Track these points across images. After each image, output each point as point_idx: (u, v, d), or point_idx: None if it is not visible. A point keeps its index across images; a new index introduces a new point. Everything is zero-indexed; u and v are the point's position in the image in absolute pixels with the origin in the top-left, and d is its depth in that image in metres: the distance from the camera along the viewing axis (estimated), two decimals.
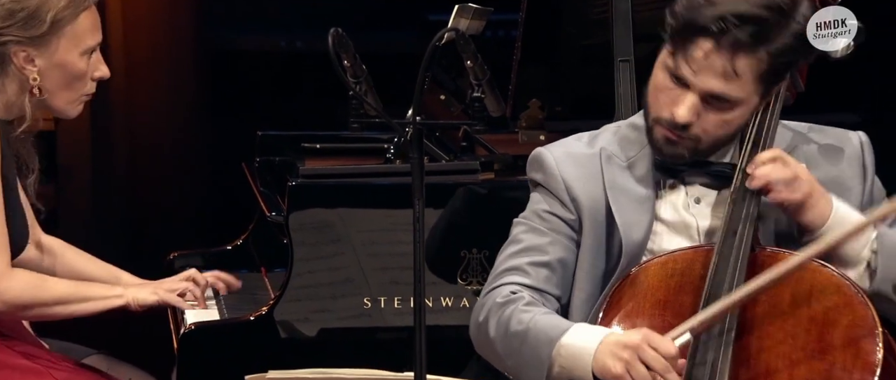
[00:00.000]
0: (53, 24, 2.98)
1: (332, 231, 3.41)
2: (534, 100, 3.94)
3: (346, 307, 3.41)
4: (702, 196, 2.87)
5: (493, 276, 2.85)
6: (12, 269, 2.96)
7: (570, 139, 2.94)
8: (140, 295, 3.14)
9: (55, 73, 3.01)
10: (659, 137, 2.81)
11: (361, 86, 3.37)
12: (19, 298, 2.95)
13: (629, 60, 3.52)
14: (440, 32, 2.92)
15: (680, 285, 2.75)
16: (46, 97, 3.02)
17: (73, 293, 3.04)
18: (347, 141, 3.91)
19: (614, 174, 2.86)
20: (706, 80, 2.72)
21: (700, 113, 2.75)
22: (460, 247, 3.43)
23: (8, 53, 2.98)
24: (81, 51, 3.03)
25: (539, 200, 2.89)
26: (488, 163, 3.65)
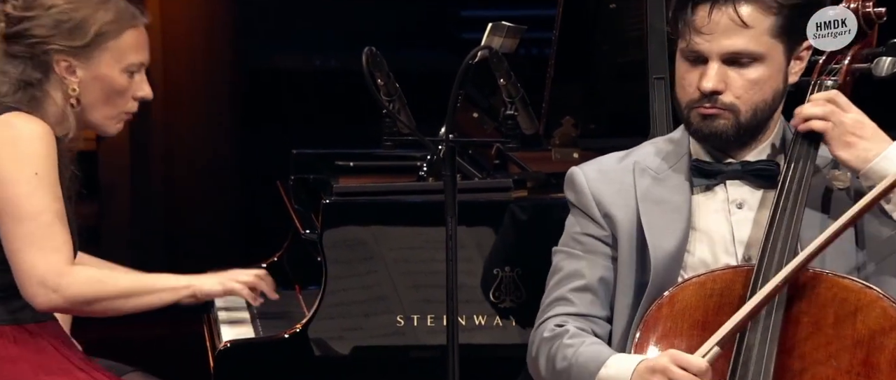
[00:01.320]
0: (97, 36, 2.99)
1: (365, 249, 3.38)
2: (567, 117, 3.91)
3: (379, 325, 3.38)
4: (744, 200, 2.81)
5: (542, 307, 2.84)
6: (74, 266, 2.95)
7: (605, 157, 2.91)
8: (206, 285, 3.10)
9: (95, 87, 3.01)
10: (697, 120, 2.76)
11: (395, 104, 3.35)
12: (81, 292, 2.94)
13: (664, 78, 3.48)
14: (473, 51, 2.94)
15: (719, 305, 2.70)
16: (85, 110, 3.02)
17: (138, 286, 3.02)
18: (381, 159, 3.89)
19: (646, 185, 2.82)
20: (718, 41, 2.70)
21: (725, 79, 2.71)
22: (493, 265, 3.39)
23: (51, 61, 3.00)
24: (123, 67, 3.03)
25: (573, 222, 2.87)
26: (521, 181, 3.61)
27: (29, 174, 2.90)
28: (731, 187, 2.82)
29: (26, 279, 2.92)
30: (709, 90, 2.72)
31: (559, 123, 3.90)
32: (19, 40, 3.00)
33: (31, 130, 2.93)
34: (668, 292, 2.74)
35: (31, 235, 2.90)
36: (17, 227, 2.90)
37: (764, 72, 2.73)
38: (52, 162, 2.93)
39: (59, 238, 2.92)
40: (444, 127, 2.87)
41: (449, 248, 2.74)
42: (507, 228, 3.39)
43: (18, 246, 2.90)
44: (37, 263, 2.90)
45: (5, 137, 2.92)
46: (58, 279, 2.91)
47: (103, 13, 2.99)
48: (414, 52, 5.59)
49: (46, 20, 2.98)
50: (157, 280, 3.07)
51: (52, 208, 2.91)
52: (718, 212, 2.82)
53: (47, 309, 2.96)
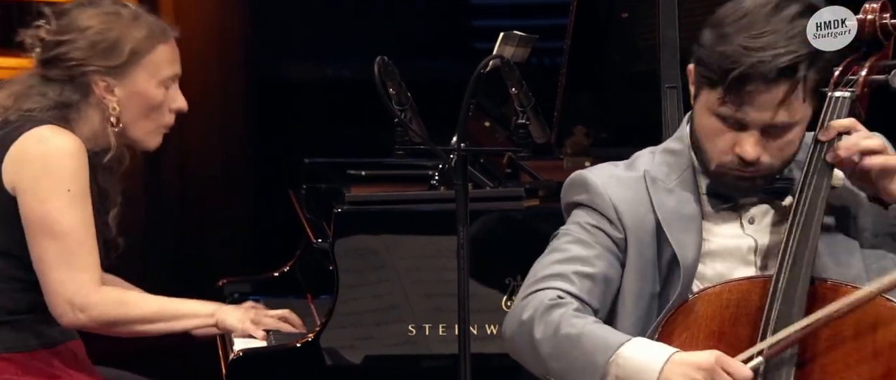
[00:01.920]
0: (132, 54, 3.02)
1: (376, 258, 3.37)
2: (579, 126, 3.90)
3: (391, 334, 3.36)
4: (755, 215, 2.78)
5: (534, 280, 2.73)
6: (101, 286, 2.96)
7: (607, 165, 2.86)
8: (229, 320, 3.12)
9: (133, 103, 3.03)
10: (730, 180, 2.73)
11: (406, 113, 3.33)
12: (105, 314, 2.96)
13: (676, 87, 3.46)
14: (485, 60, 2.91)
15: (736, 316, 2.66)
16: (125, 127, 3.04)
17: (162, 312, 3.04)
18: (392, 168, 3.90)
19: (662, 197, 2.78)
20: (764, 115, 2.66)
21: (764, 145, 2.69)
22: (505, 274, 3.37)
23: (89, 83, 3.02)
24: (158, 81, 3.06)
25: (583, 215, 2.79)
26: (533, 189, 3.59)
27: (61, 191, 2.91)
28: (743, 204, 2.79)
29: (55, 297, 2.92)
30: (751, 160, 2.68)
31: (571, 131, 3.89)
32: (57, 64, 3.02)
33: (64, 145, 2.93)
34: (684, 302, 2.70)
35: (61, 253, 2.91)
36: (48, 244, 2.91)
37: (797, 132, 2.71)
38: (84, 178, 2.94)
39: (88, 257, 2.93)
40: (456, 136, 2.86)
41: (460, 257, 2.72)
42: (519, 237, 3.38)
43: (50, 264, 2.91)
44: (66, 281, 2.91)
45: (38, 152, 2.92)
46: (86, 299, 2.92)
47: (136, 31, 3.02)
48: (426, 61, 5.58)
49: (82, 43, 3.00)
50: (183, 305, 3.09)
51: (83, 226, 2.92)
52: (732, 226, 2.79)
53: (72, 327, 2.98)
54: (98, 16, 3.02)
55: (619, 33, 3.86)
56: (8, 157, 2.95)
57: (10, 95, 3.02)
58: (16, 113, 2.98)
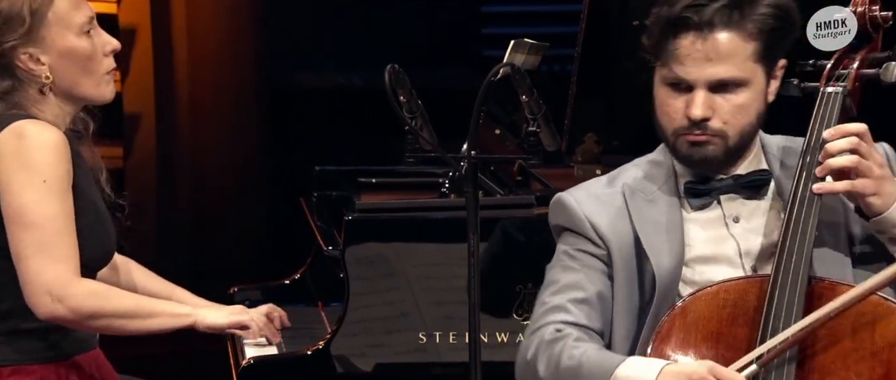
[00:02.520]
0: (33, 15, 2.91)
1: (387, 265, 3.36)
2: (590, 134, 3.88)
3: (402, 342, 3.35)
4: (740, 213, 2.77)
5: (536, 316, 2.77)
6: (80, 278, 2.90)
7: (589, 182, 2.89)
8: (209, 317, 3.07)
9: (64, 64, 2.94)
10: (685, 148, 2.74)
11: (417, 121, 3.32)
12: (82, 305, 2.88)
13: None
14: (496, 68, 2.89)
15: (733, 316, 2.65)
16: (70, 90, 2.95)
17: (139, 308, 2.97)
18: (403, 176, 3.89)
19: (639, 207, 2.78)
20: (703, 70, 2.67)
21: (712, 106, 2.69)
22: (515, 282, 3.36)
23: (12, 62, 2.93)
24: (76, 32, 2.95)
25: (567, 240, 2.83)
26: (544, 197, 3.55)
27: (37, 182, 2.85)
28: (726, 202, 2.78)
29: (32, 287, 2.87)
30: (698, 118, 2.69)
31: (582, 139, 3.87)
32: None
33: (43, 137, 2.87)
34: (681, 303, 2.68)
35: (39, 244, 2.85)
36: (24, 234, 2.86)
37: (748, 96, 2.71)
38: (63, 171, 2.88)
39: (67, 249, 2.87)
40: (467, 144, 2.85)
41: (471, 264, 2.71)
42: (530, 244, 3.36)
43: (26, 254, 2.86)
44: (43, 270, 2.85)
45: (14, 147, 2.87)
46: (63, 290, 2.87)
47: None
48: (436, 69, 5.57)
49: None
50: (160, 306, 3.03)
51: (60, 217, 2.86)
52: (717, 228, 2.78)
53: (50, 318, 2.90)
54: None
55: (631, 41, 3.82)
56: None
57: None
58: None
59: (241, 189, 6.18)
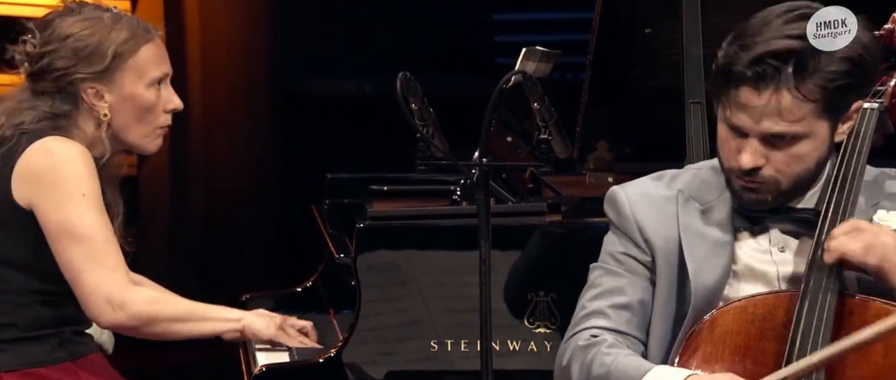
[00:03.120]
0: (115, 58, 2.98)
1: (398, 273, 3.34)
2: (602, 141, 3.85)
3: (413, 350, 3.33)
4: (786, 244, 2.71)
5: (575, 320, 2.74)
6: (135, 285, 2.95)
7: (649, 179, 2.81)
8: (256, 324, 3.11)
9: (125, 107, 3.00)
10: (736, 188, 2.68)
11: (428, 128, 3.32)
12: (143, 311, 2.93)
13: (701, 102, 3.41)
14: (507, 75, 2.88)
15: (762, 330, 2.60)
16: (119, 132, 3.01)
17: (193, 312, 3.02)
18: (414, 183, 3.85)
19: (690, 217, 2.72)
20: (757, 123, 2.59)
21: (766, 155, 2.62)
22: (527, 289, 3.33)
23: (78, 91, 2.98)
24: (147, 83, 3.02)
25: (614, 241, 2.77)
26: (556, 205, 3.55)
27: (76, 196, 2.89)
28: (775, 230, 2.72)
29: (93, 298, 2.90)
30: (747, 168, 2.62)
31: (593, 147, 3.84)
32: (45, 76, 2.98)
33: (70, 152, 2.92)
34: (709, 316, 2.64)
35: (93, 255, 2.88)
36: (75, 248, 2.89)
37: (806, 147, 2.63)
38: (95, 182, 2.92)
39: (116, 256, 2.91)
40: (478, 151, 2.83)
41: (482, 272, 2.68)
42: (542, 252, 3.34)
43: (81, 267, 2.88)
44: (102, 281, 2.88)
45: (46, 164, 2.91)
46: (123, 296, 2.90)
47: (117, 33, 2.98)
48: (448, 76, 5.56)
49: (65, 51, 2.97)
50: (211, 309, 3.06)
51: (104, 227, 2.90)
52: (762, 252, 2.72)
53: (112, 326, 2.95)
54: (78, 22, 2.98)
55: (643, 49, 3.82)
56: (16, 173, 2.93)
57: (2, 112, 3.00)
58: (10, 129, 2.97)
59: (253, 196, 6.17)
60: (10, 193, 2.92)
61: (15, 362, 2.95)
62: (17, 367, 2.95)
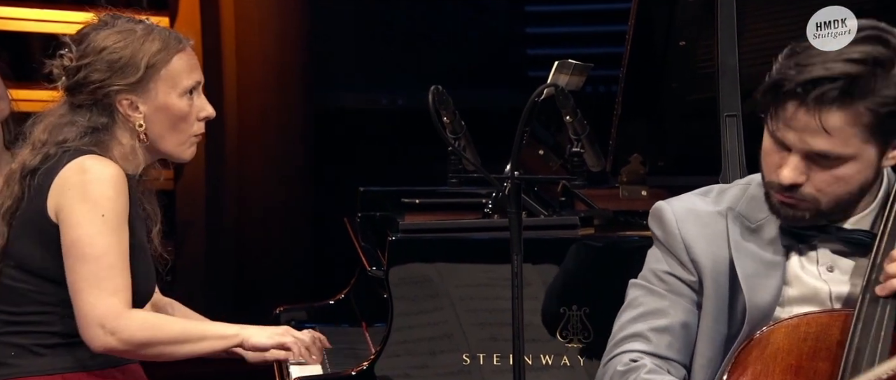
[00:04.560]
0: (148, 68, 3.00)
1: (431, 286, 3.30)
2: (635, 155, 3.80)
3: (446, 363, 3.28)
4: (835, 264, 2.62)
5: (614, 342, 2.66)
6: (131, 310, 2.95)
7: (695, 194, 2.72)
8: (254, 337, 3.09)
9: (159, 117, 3.02)
10: (774, 202, 2.59)
11: (460, 141, 3.30)
12: (135, 336, 2.94)
13: (736, 116, 3.35)
14: (539, 88, 2.83)
15: (814, 350, 2.51)
16: (155, 142, 3.04)
17: (188, 333, 3.02)
18: (446, 196, 3.84)
19: (741, 235, 2.63)
20: (802, 139, 2.51)
21: (807, 173, 2.53)
22: (560, 303, 3.28)
23: (114, 103, 3.01)
24: (180, 92, 3.04)
25: (658, 258, 2.68)
26: (588, 218, 3.49)
27: (95, 216, 2.91)
28: (823, 251, 2.63)
29: (86, 320, 2.92)
30: (786, 183, 2.54)
31: (627, 160, 3.79)
32: (81, 89, 3.02)
33: (103, 173, 2.94)
34: (759, 334, 2.55)
35: (93, 277, 2.91)
36: (79, 267, 2.91)
37: (851, 169, 2.54)
38: (122, 205, 2.94)
39: (119, 281, 2.92)
40: (510, 164, 2.79)
41: (514, 285, 2.64)
42: (575, 266, 3.29)
43: (80, 287, 2.91)
44: (97, 304, 2.91)
45: (78, 181, 2.94)
46: (115, 322, 2.91)
47: (150, 44, 3.01)
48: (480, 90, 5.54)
49: (100, 64, 3.00)
50: (207, 328, 3.07)
51: (115, 252, 2.92)
52: (811, 271, 2.63)
53: (103, 350, 2.96)
54: (112, 35, 3.02)
55: (677, 61, 3.77)
56: (52, 188, 2.97)
57: (45, 128, 3.05)
58: (53, 147, 3.01)
59: (286, 210, 6.19)
60: (45, 209, 2.95)
61: (53, 366, 2.98)
62: (56, 371, 2.98)
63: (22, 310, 2.98)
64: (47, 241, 2.95)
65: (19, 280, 2.98)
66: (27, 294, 2.98)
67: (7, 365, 2.99)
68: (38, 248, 2.96)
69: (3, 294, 3.00)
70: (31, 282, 2.97)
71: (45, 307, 2.98)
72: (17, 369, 2.98)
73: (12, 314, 2.99)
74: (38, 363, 2.98)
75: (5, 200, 3.00)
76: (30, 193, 2.97)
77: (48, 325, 2.98)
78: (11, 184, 3.01)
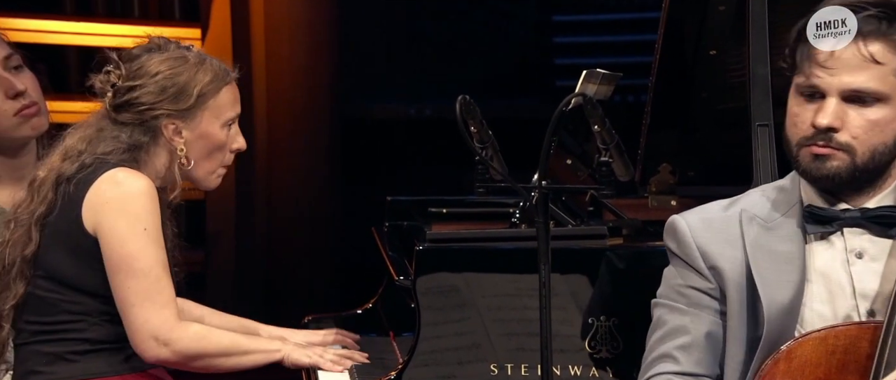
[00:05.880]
0: (199, 97, 3.06)
1: (458, 296, 3.26)
2: (664, 164, 3.73)
3: (473, 373, 3.24)
4: (864, 249, 2.55)
5: (645, 364, 2.64)
6: (182, 321, 3.01)
7: (709, 205, 2.69)
8: (294, 354, 3.15)
9: (199, 144, 3.08)
10: (807, 160, 2.52)
11: (487, 151, 3.26)
12: (188, 348, 2.99)
13: (768, 125, 3.29)
14: (567, 97, 2.81)
15: (843, 363, 2.45)
16: (190, 167, 3.09)
17: (236, 346, 3.08)
18: (473, 206, 3.81)
19: (756, 235, 2.58)
20: (839, 77, 2.47)
21: (843, 116, 2.48)
22: (589, 314, 3.23)
23: (159, 126, 3.06)
24: (222, 123, 3.10)
25: (674, 273, 2.65)
26: (617, 228, 3.46)
27: (139, 230, 2.95)
28: (849, 236, 2.56)
29: (140, 334, 2.96)
30: (824, 126, 2.48)
31: (656, 169, 3.73)
32: (128, 109, 3.06)
33: (138, 186, 2.98)
34: (786, 347, 2.49)
35: (144, 291, 2.95)
36: (130, 282, 2.95)
37: (887, 113, 2.48)
38: (157, 217, 2.99)
39: (167, 293, 2.98)
40: (537, 173, 2.75)
41: (542, 295, 2.60)
42: (603, 276, 3.24)
43: (132, 301, 2.95)
44: (150, 317, 2.95)
45: (114, 194, 2.97)
46: (169, 334, 2.96)
47: (202, 75, 3.07)
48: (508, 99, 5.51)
49: (152, 87, 3.05)
50: (253, 343, 3.13)
51: (160, 263, 2.97)
52: (836, 262, 2.56)
53: (156, 361, 3.01)
54: (167, 61, 3.07)
55: (707, 70, 3.72)
56: (86, 200, 3.00)
57: (82, 139, 3.08)
58: (91, 157, 3.05)
59: (314, 219, 6.20)
60: (80, 220, 2.98)
61: (84, 371, 3.02)
62: (87, 376, 3.01)
63: (53, 319, 3.01)
64: (81, 252, 2.98)
65: (50, 290, 3.00)
66: (58, 304, 3.00)
67: (39, 372, 3.01)
68: (70, 258, 2.99)
69: (34, 304, 3.03)
70: (61, 292, 3.00)
71: (75, 316, 3.00)
72: (49, 375, 3.01)
73: (43, 324, 3.02)
74: (70, 369, 3.00)
75: (38, 206, 3.03)
76: (62, 202, 3.00)
77: (79, 332, 3.01)
78: (43, 190, 3.04)
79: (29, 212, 3.03)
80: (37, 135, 3.40)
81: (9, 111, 3.34)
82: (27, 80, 3.38)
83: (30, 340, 3.03)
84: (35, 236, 3.01)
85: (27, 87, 3.36)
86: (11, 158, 3.40)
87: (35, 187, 3.04)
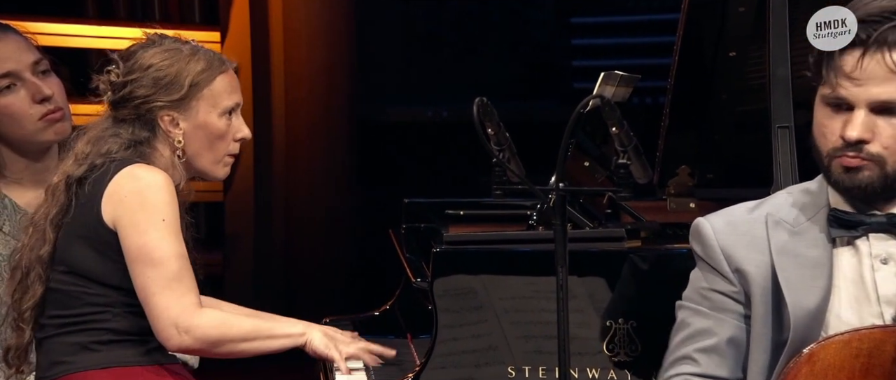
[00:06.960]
0: (191, 87, 3.07)
1: (475, 298, 3.24)
2: (683, 166, 3.70)
3: (491, 376, 3.21)
4: (889, 255, 2.52)
5: (665, 365, 2.61)
6: (202, 309, 3.01)
7: (734, 207, 2.65)
8: (315, 340, 3.13)
9: (198, 135, 3.09)
10: (838, 171, 2.50)
11: (505, 153, 3.24)
12: (208, 334, 2.99)
13: (789, 127, 3.25)
14: (585, 100, 2.79)
15: (867, 367, 2.41)
16: (190, 159, 3.10)
17: (258, 330, 3.07)
18: (491, 208, 3.77)
19: (781, 238, 2.55)
20: (867, 89, 2.44)
21: (873, 127, 2.45)
22: (607, 317, 3.19)
23: (156, 118, 3.07)
24: (220, 112, 3.10)
25: (699, 277, 2.62)
26: (635, 230, 3.41)
27: (157, 221, 2.97)
28: (875, 241, 2.53)
29: (161, 321, 2.98)
30: (854, 139, 2.45)
31: (675, 172, 3.69)
32: (125, 104, 3.08)
33: (155, 179, 3.01)
34: (808, 350, 2.46)
35: (164, 279, 2.96)
36: (150, 272, 2.97)
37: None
38: (175, 208, 3.01)
39: (188, 281, 2.99)
40: (555, 175, 2.72)
41: (560, 298, 2.57)
42: (622, 279, 3.21)
43: (153, 290, 2.97)
44: (171, 305, 2.96)
45: (132, 188, 3.00)
46: (190, 321, 2.97)
47: (194, 64, 3.08)
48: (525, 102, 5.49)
49: (146, 80, 3.07)
50: (276, 326, 3.11)
51: (179, 253, 2.99)
52: (860, 267, 2.53)
53: (178, 349, 3.02)
54: (159, 54, 3.09)
55: (727, 72, 3.69)
56: (105, 196, 3.03)
57: (88, 141, 3.11)
58: (98, 157, 3.07)
59: (332, 221, 6.20)
60: (100, 215, 3.00)
61: (108, 360, 3.04)
62: (111, 365, 3.03)
63: (77, 311, 3.03)
64: (102, 247, 3.01)
65: (71, 284, 3.03)
66: (81, 296, 3.03)
67: (65, 363, 3.04)
68: (92, 252, 3.01)
69: (56, 299, 3.06)
70: (85, 285, 3.03)
71: (98, 308, 3.03)
72: (74, 365, 3.03)
73: (67, 317, 3.04)
74: (95, 358, 3.03)
75: (51, 208, 3.06)
76: (78, 201, 3.03)
77: (102, 323, 3.03)
78: (57, 194, 3.07)
79: (43, 215, 3.06)
80: (59, 140, 3.43)
81: (34, 115, 3.38)
82: (54, 85, 3.42)
83: (53, 333, 3.06)
84: (50, 236, 3.04)
85: (54, 92, 3.41)
86: (34, 162, 3.43)
87: (49, 193, 3.08)
